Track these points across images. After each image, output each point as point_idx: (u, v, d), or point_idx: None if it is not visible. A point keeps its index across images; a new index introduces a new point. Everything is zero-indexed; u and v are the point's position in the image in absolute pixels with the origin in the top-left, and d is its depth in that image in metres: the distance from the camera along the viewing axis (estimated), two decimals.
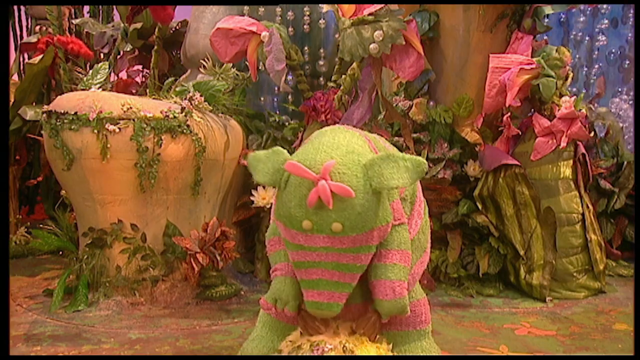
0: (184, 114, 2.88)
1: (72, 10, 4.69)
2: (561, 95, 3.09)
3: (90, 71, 3.24)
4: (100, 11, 4.84)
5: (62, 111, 2.75)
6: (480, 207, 3.22)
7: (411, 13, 3.33)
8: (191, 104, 2.96)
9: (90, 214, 2.87)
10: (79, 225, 3.01)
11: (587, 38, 4.27)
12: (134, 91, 4.20)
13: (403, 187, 1.58)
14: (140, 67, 4.48)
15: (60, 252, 3.45)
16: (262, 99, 3.85)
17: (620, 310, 2.92)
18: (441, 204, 3.26)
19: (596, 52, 4.26)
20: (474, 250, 3.25)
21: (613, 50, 4.26)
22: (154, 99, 3.08)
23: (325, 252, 1.55)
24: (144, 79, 4.47)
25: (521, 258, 3.11)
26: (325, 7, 3.21)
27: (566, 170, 3.09)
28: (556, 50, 3.09)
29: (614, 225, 3.67)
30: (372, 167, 1.53)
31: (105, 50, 4.39)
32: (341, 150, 1.55)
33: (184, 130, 2.85)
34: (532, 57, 3.17)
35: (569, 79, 3.16)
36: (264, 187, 3.24)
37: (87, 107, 2.74)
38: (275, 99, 3.88)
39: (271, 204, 2.46)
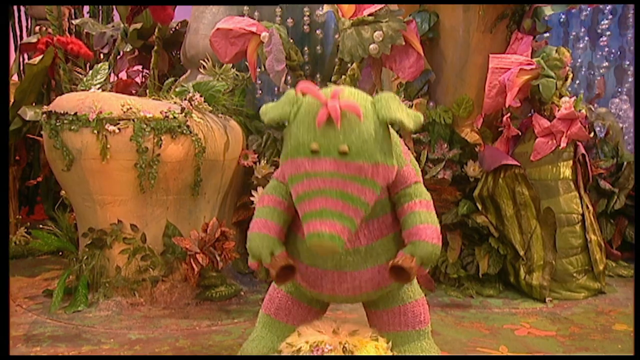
0: (183, 114, 2.88)
1: (72, 11, 4.69)
2: (561, 96, 3.09)
3: (90, 72, 3.24)
4: (100, 11, 4.84)
5: (62, 112, 2.75)
6: (480, 207, 3.22)
7: (411, 13, 3.33)
8: (191, 105, 2.96)
9: (90, 214, 2.87)
10: (78, 225, 3.01)
11: (586, 38, 4.27)
12: (133, 91, 4.20)
13: (407, 127, 1.58)
14: (140, 67, 4.48)
15: (60, 253, 3.45)
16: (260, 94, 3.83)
17: (620, 310, 2.93)
18: (441, 204, 3.26)
19: (600, 53, 4.26)
20: (473, 250, 3.25)
21: (613, 51, 4.26)
22: (153, 99, 3.08)
23: (331, 177, 1.53)
24: (143, 79, 4.47)
25: (521, 258, 3.11)
26: (325, 7, 3.21)
27: (566, 170, 3.10)
28: (556, 51, 3.10)
29: (614, 225, 3.67)
30: (379, 101, 1.56)
31: (105, 51, 4.39)
32: (349, 89, 1.60)
33: (184, 131, 2.85)
34: (532, 57, 3.17)
35: (569, 80, 3.16)
36: (264, 188, 3.24)
37: (87, 107, 2.74)
38: (275, 99, 3.87)
39: None
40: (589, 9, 4.18)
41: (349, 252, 1.67)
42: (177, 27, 4.37)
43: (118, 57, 4.24)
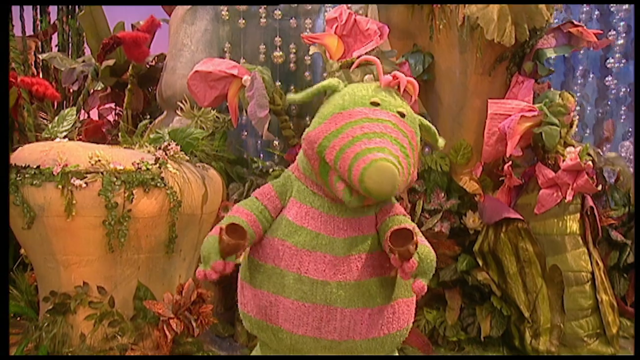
0: (157, 165, 2.88)
1: (39, 44, 4.71)
2: (566, 144, 3.11)
3: (56, 118, 3.23)
4: (70, 45, 4.87)
5: (23, 165, 2.73)
6: (480, 263, 3.21)
7: (404, 54, 3.37)
8: (166, 154, 2.96)
9: (53, 276, 2.83)
10: (39, 288, 2.97)
11: (592, 75, 4.32)
12: (104, 130, 4.20)
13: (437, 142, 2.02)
14: (112, 104, 4.49)
15: (19, 317, 3.39)
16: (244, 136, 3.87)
17: None
18: (438, 259, 3.22)
19: (609, 92, 4.30)
20: (474, 310, 3.24)
21: (622, 89, 4.30)
22: (125, 147, 3.08)
23: (392, 127, 1.74)
24: (116, 117, 4.48)
25: (526, 320, 3.10)
26: (312, 49, 3.25)
27: (573, 224, 3.10)
28: (559, 96, 3.13)
29: (627, 280, 3.64)
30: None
31: (75, 87, 4.40)
32: None
33: (158, 184, 2.84)
34: (534, 101, 3.21)
35: (574, 127, 3.18)
36: None
37: (51, 160, 2.73)
38: (259, 142, 3.88)
39: None
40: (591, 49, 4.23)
41: (340, 284, 1.68)
42: (153, 62, 4.40)
43: (88, 95, 4.24)
